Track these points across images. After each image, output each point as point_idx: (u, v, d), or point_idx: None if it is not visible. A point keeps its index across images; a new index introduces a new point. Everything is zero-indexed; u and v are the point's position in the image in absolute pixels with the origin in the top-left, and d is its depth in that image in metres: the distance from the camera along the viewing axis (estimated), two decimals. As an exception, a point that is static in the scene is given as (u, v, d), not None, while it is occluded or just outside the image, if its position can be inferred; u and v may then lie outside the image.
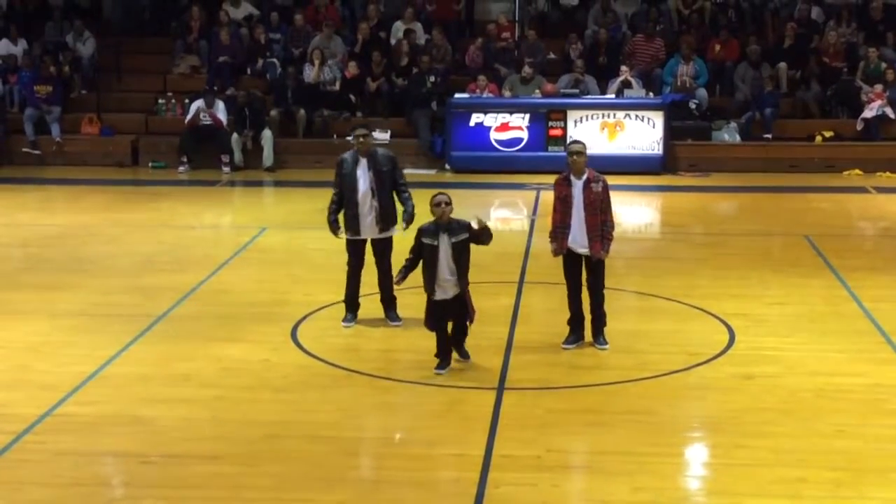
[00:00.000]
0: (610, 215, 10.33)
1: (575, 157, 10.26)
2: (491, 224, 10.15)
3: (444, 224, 9.71)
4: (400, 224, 11.08)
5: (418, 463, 8.18)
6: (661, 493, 7.65)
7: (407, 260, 9.96)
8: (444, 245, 9.67)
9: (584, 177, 10.25)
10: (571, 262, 10.42)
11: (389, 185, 11.01)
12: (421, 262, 9.86)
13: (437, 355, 9.89)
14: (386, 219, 11.00)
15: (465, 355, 10.06)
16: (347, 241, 11.16)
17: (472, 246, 9.86)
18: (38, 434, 8.56)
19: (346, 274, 11.21)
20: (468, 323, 9.97)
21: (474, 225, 9.74)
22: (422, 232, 9.82)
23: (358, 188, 10.92)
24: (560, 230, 10.32)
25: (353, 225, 11.03)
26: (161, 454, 8.21)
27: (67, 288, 12.67)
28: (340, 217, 11.09)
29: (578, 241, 10.26)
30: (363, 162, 10.95)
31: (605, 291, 10.54)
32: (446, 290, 9.74)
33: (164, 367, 10.04)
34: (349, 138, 11.43)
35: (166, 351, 10.47)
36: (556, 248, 10.41)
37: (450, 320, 9.89)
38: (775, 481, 7.75)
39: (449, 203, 9.73)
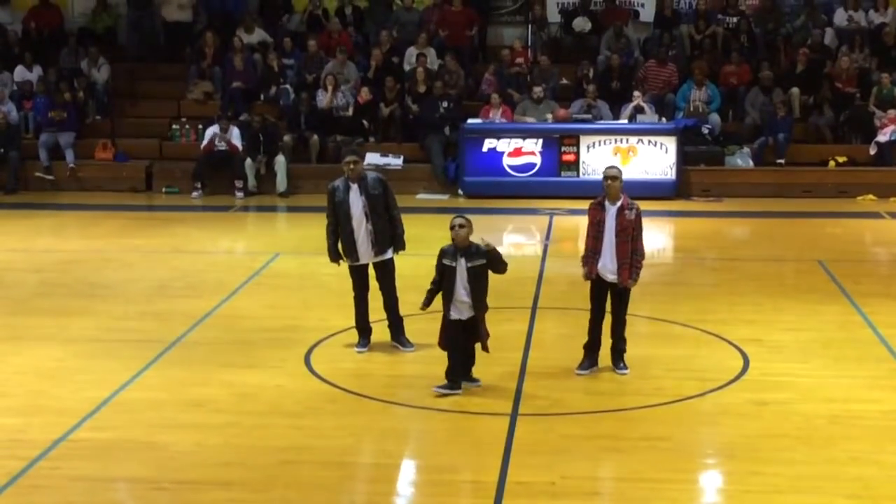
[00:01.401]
0: (640, 244, 10.32)
1: (610, 181, 10.27)
2: (503, 249, 10.16)
3: (461, 247, 9.78)
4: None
5: (432, 489, 8.17)
6: (675, 521, 7.64)
7: (432, 284, 10.01)
8: (461, 267, 9.76)
9: (619, 203, 10.26)
10: (599, 287, 10.42)
11: (382, 208, 11.05)
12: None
13: (446, 375, 9.88)
14: (382, 242, 11.03)
15: (473, 380, 10.05)
16: (349, 268, 11.20)
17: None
18: (52, 460, 8.57)
19: (353, 301, 11.24)
20: (484, 349, 9.99)
21: (480, 245, 9.82)
22: (443, 253, 9.94)
23: (352, 214, 10.96)
24: (591, 255, 10.34)
25: (350, 252, 11.07)
26: (174, 480, 8.21)
27: (81, 313, 12.70)
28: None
29: (609, 267, 10.27)
30: (354, 187, 11.00)
31: (626, 318, 10.54)
32: (461, 310, 9.82)
33: (178, 393, 10.05)
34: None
35: (180, 377, 10.48)
36: (587, 272, 10.42)
37: (464, 341, 9.90)
38: (791, 508, 7.73)
39: (464, 226, 9.81)
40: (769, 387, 10.17)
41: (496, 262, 9.89)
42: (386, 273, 11.13)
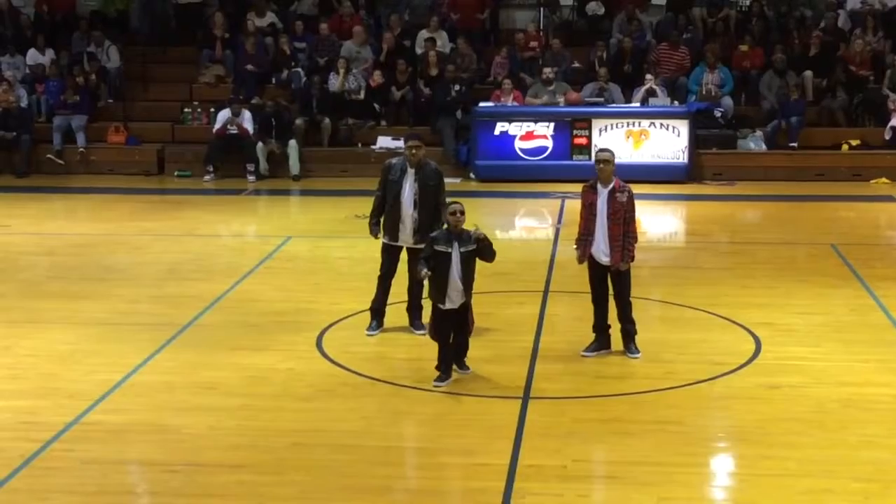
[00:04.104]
0: (633, 226, 10.30)
1: (602, 165, 10.24)
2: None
3: (456, 233, 9.71)
4: None
5: (443, 472, 8.18)
6: (687, 504, 7.64)
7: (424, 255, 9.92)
8: (456, 253, 9.66)
9: (611, 185, 10.24)
10: (595, 270, 10.41)
11: (432, 200, 10.97)
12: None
13: (438, 367, 9.82)
14: (424, 231, 10.94)
15: (464, 367, 9.98)
16: (383, 245, 11.17)
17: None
18: (65, 442, 8.61)
19: (377, 279, 11.20)
20: (468, 335, 9.90)
21: (471, 232, 9.69)
22: (434, 239, 9.84)
23: (402, 197, 10.90)
24: (584, 238, 10.34)
25: (391, 231, 11.04)
26: (186, 463, 8.24)
27: (93, 297, 12.72)
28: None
29: (602, 249, 10.26)
30: (411, 172, 10.92)
31: (631, 300, 10.51)
32: (454, 300, 9.70)
33: (190, 376, 10.07)
34: (391, 145, 11.13)
35: (192, 360, 10.50)
36: (580, 255, 10.43)
37: (453, 331, 9.83)
38: (802, 492, 7.72)
39: (463, 212, 9.73)
40: (781, 370, 10.15)
41: (487, 251, 9.72)
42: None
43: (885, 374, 10.09)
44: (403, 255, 11.13)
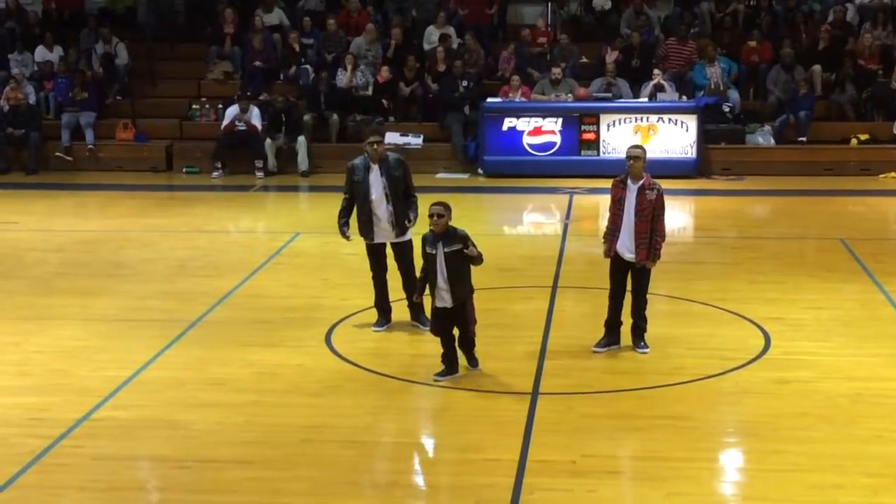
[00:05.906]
0: (661, 225, 10.28)
1: (632, 161, 10.23)
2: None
3: (439, 234, 9.73)
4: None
5: (453, 468, 8.19)
6: (696, 499, 7.63)
7: (422, 271, 10.00)
8: (440, 254, 9.70)
9: (640, 182, 10.23)
10: (617, 265, 10.40)
11: (402, 190, 11.03)
12: None
13: (442, 360, 9.87)
14: (401, 223, 11.01)
15: (474, 363, 10.00)
16: (366, 247, 11.21)
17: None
18: (76, 438, 8.62)
19: (372, 281, 11.26)
20: (469, 335, 9.89)
21: (459, 231, 9.70)
22: (423, 241, 9.90)
23: (371, 195, 10.95)
24: (611, 232, 10.34)
25: (367, 231, 11.08)
26: (196, 459, 8.25)
27: (103, 293, 12.74)
28: (352, 222, 11.16)
29: (627, 245, 10.26)
30: (375, 168, 10.98)
31: (647, 298, 10.51)
32: (443, 298, 9.74)
33: (199, 372, 10.09)
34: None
35: (201, 356, 10.52)
36: (606, 249, 10.42)
37: (454, 327, 9.85)
38: (812, 487, 7.71)
39: (442, 215, 9.68)
40: (790, 365, 10.14)
41: (471, 257, 9.64)
42: (404, 253, 11.12)
43: (895, 368, 10.07)
44: (390, 251, 11.19)
